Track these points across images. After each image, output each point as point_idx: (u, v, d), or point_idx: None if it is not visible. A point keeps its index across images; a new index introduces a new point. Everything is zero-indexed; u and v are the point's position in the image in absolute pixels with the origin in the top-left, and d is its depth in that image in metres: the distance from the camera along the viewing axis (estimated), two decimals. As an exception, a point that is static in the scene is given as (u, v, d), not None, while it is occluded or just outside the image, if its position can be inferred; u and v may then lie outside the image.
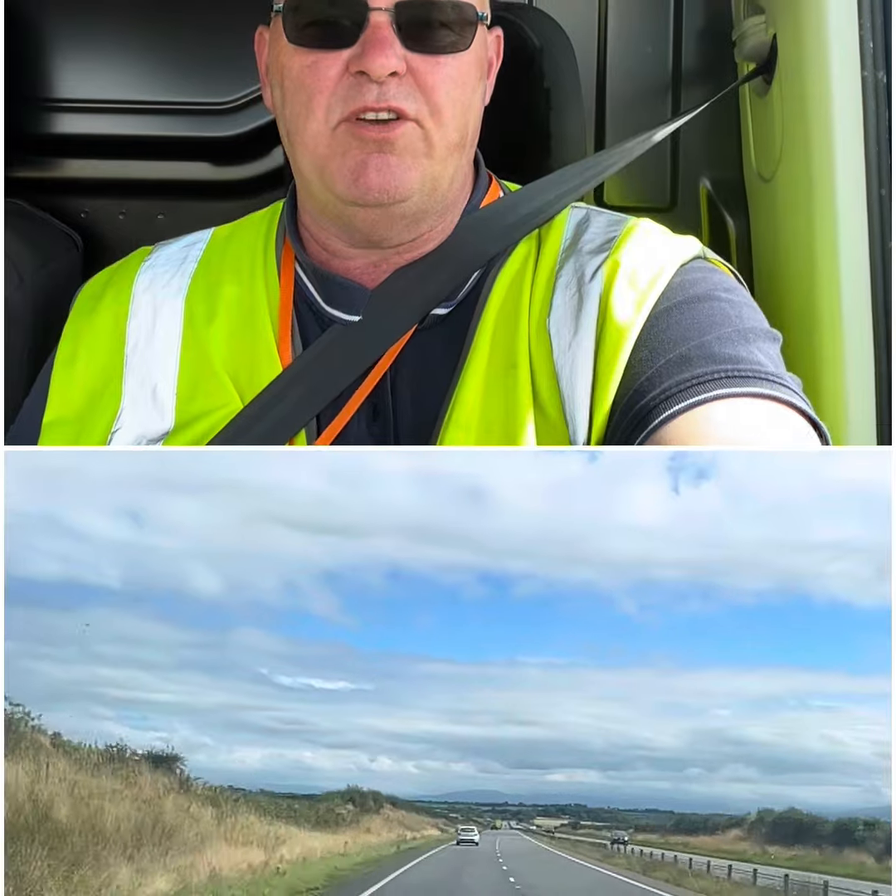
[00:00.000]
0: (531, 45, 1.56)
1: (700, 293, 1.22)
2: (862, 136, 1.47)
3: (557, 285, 1.25)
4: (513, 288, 1.27)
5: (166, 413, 1.29)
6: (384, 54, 1.16)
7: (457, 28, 1.21)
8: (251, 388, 1.28)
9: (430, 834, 11.59)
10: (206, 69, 2.06)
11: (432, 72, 1.20)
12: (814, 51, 1.48)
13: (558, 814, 32.56)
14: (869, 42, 1.45)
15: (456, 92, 1.21)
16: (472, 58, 1.24)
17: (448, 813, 22.64)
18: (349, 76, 1.18)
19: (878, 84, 1.46)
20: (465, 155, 1.28)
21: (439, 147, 1.22)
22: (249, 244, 1.38)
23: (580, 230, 1.31)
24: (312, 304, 1.32)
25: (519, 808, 37.71)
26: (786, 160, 1.63)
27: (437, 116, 1.20)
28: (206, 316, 1.32)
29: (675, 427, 1.11)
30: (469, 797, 44.79)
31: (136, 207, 2.15)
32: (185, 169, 2.14)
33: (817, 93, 1.48)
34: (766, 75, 1.68)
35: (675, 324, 1.19)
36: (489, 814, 29.96)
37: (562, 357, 1.21)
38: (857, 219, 1.48)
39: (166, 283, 1.36)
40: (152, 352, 1.31)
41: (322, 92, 1.19)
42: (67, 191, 2.13)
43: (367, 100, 1.17)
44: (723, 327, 1.19)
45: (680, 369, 1.14)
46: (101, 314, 1.35)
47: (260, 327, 1.31)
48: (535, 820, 28.77)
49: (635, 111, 2.02)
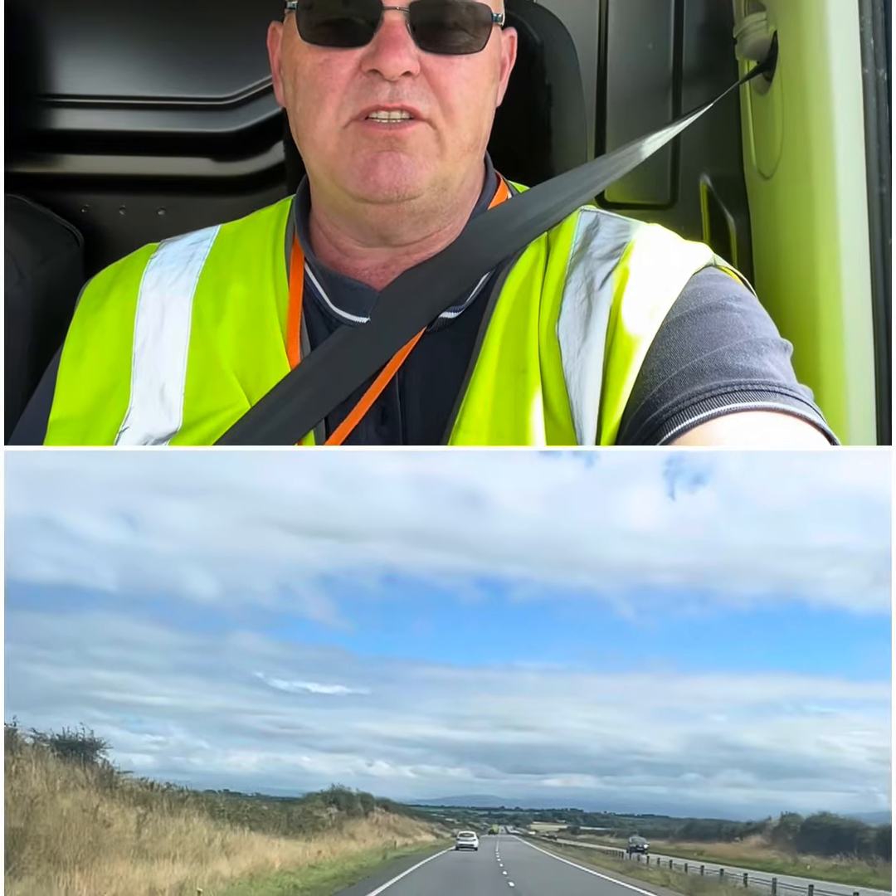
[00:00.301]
0: (532, 41, 1.56)
1: (712, 303, 1.22)
2: (862, 133, 1.46)
3: (567, 290, 1.25)
4: (522, 292, 1.27)
5: (174, 413, 1.29)
6: (398, 53, 1.16)
7: (471, 29, 1.21)
8: (259, 388, 1.27)
9: (424, 840, 10.52)
10: (207, 65, 2.06)
11: (446, 72, 1.19)
12: (814, 48, 1.48)
13: (555, 818, 32.55)
14: (869, 39, 1.45)
15: (469, 93, 1.21)
16: (486, 59, 1.23)
17: (444, 817, 22.38)
18: (362, 75, 1.18)
19: (878, 81, 1.46)
20: (477, 155, 1.28)
21: (452, 148, 1.21)
22: (258, 242, 1.38)
23: (590, 235, 1.31)
24: (321, 304, 1.31)
25: (516, 812, 37.74)
26: (786, 157, 1.63)
27: (450, 117, 1.20)
28: (214, 315, 1.32)
29: (687, 440, 1.10)
30: (466, 802, 44.78)
31: (137, 203, 2.14)
32: (186, 164, 2.13)
33: (818, 90, 1.48)
34: (766, 72, 1.67)
35: (688, 335, 1.18)
36: (486, 818, 29.78)
37: (571, 363, 1.20)
38: (857, 216, 1.48)
39: (174, 280, 1.35)
40: (160, 351, 1.31)
41: (334, 90, 1.19)
42: (68, 186, 2.13)
43: (380, 99, 1.17)
44: (735, 338, 1.18)
45: (692, 381, 1.14)
46: (108, 311, 1.35)
47: (268, 327, 1.30)
48: (532, 825, 28.79)
49: (636, 108, 2.02)
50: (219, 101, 2.07)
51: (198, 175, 2.14)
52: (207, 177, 2.14)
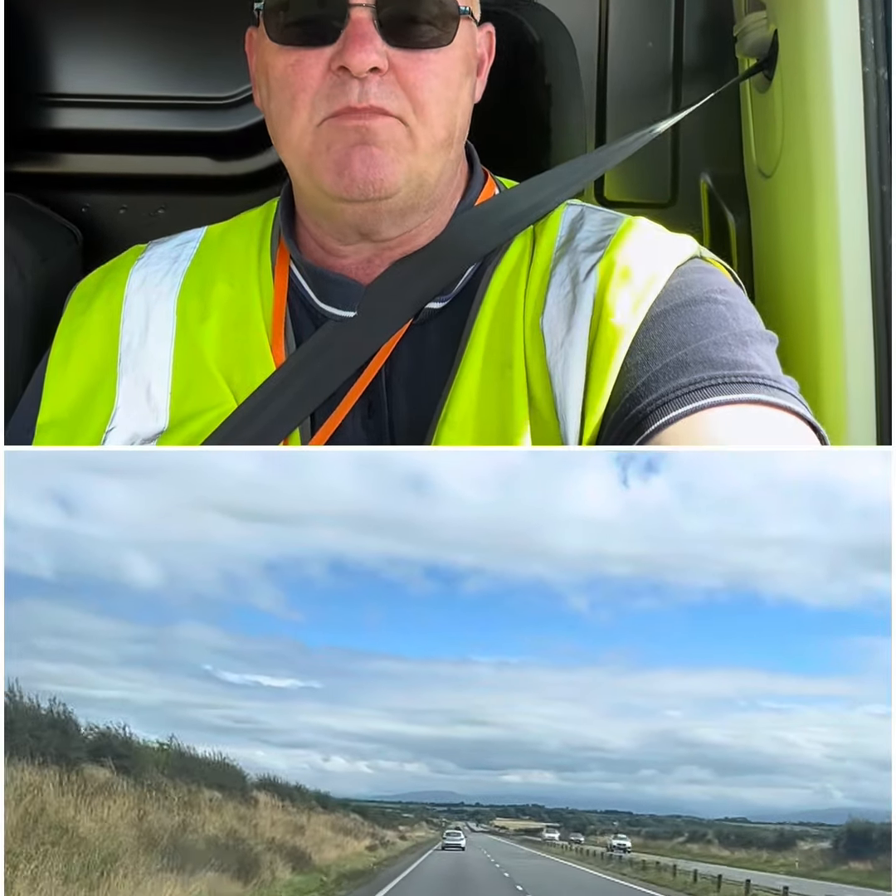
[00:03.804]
0: (531, 40, 1.56)
1: (697, 295, 1.21)
2: (863, 132, 1.46)
3: (551, 283, 1.25)
4: (508, 284, 1.27)
5: (160, 413, 1.29)
6: (364, 49, 1.15)
7: (439, 23, 1.20)
8: (245, 387, 1.27)
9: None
10: (206, 63, 2.06)
11: (414, 68, 1.19)
12: (815, 46, 1.48)
13: (518, 815, 32.47)
14: (870, 38, 1.45)
15: (440, 88, 1.20)
16: (458, 53, 1.23)
17: (401, 813, 21.66)
18: (332, 74, 1.18)
19: (879, 80, 1.45)
20: (454, 151, 1.27)
21: (424, 144, 1.21)
22: (243, 243, 1.38)
23: (575, 227, 1.30)
24: (306, 301, 1.32)
25: (476, 808, 37.51)
26: (786, 156, 1.63)
27: (421, 114, 1.20)
28: (199, 315, 1.32)
29: (672, 433, 1.10)
30: (424, 798, 44.37)
31: (137, 202, 2.14)
32: (185, 163, 2.13)
33: (818, 89, 1.48)
34: (766, 71, 1.67)
35: (672, 327, 1.18)
36: (445, 814, 29.34)
37: (554, 355, 1.20)
38: (857, 215, 1.47)
39: (158, 281, 1.35)
40: (146, 351, 1.31)
41: (305, 90, 1.19)
42: (68, 185, 2.12)
43: (350, 99, 1.17)
44: (719, 331, 1.18)
45: (676, 374, 1.13)
46: (94, 314, 1.35)
47: (253, 326, 1.30)
48: (495, 821, 28.58)
49: (636, 106, 2.01)
50: (219, 100, 2.07)
51: (198, 174, 2.14)
52: (207, 176, 2.14)
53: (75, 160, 2.13)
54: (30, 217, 1.98)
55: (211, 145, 2.11)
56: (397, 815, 19.86)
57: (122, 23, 2.04)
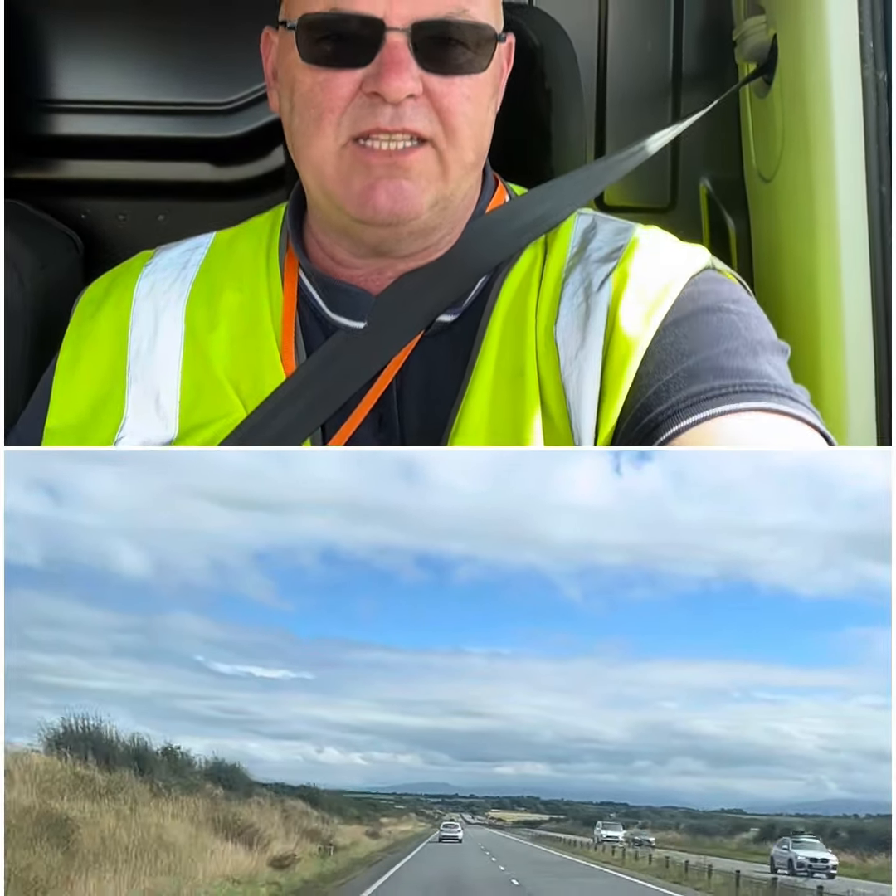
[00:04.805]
0: (531, 45, 1.56)
1: (709, 305, 1.21)
2: (862, 135, 1.46)
3: (564, 294, 1.24)
4: (519, 295, 1.26)
5: (170, 422, 1.28)
6: (400, 77, 1.13)
7: (474, 48, 1.18)
8: (254, 396, 1.26)
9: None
10: (206, 70, 2.06)
11: (448, 93, 1.17)
12: (814, 50, 1.48)
13: (514, 806, 32.14)
14: (869, 41, 1.45)
15: (472, 112, 1.19)
16: (489, 76, 1.21)
17: (394, 805, 21.23)
18: (362, 96, 1.16)
19: (878, 83, 1.45)
20: (478, 171, 1.27)
21: (454, 168, 1.20)
22: (252, 249, 1.37)
23: (587, 238, 1.30)
24: (316, 310, 1.30)
25: (470, 800, 36.99)
26: (786, 160, 1.63)
27: (453, 138, 1.18)
28: (207, 323, 1.31)
29: (684, 442, 1.10)
30: (418, 789, 43.88)
31: (137, 209, 2.14)
32: (185, 170, 2.13)
33: (817, 92, 1.48)
34: (766, 75, 1.67)
35: (684, 337, 1.18)
36: (439, 805, 28.61)
37: (568, 366, 1.19)
38: (857, 218, 1.47)
39: (167, 288, 1.34)
40: (154, 359, 1.30)
41: (333, 111, 1.17)
42: (68, 192, 2.13)
43: (381, 122, 1.15)
44: (731, 340, 1.17)
45: (688, 383, 1.13)
46: (103, 320, 1.34)
47: (262, 335, 1.29)
48: (491, 813, 28.31)
49: (636, 111, 2.02)
50: (218, 106, 2.07)
51: (198, 180, 2.14)
52: (207, 182, 2.14)
53: (75, 166, 2.12)
54: (30, 223, 1.97)
55: (211, 151, 2.11)
56: (390, 806, 19.53)
57: (122, 29, 2.05)
